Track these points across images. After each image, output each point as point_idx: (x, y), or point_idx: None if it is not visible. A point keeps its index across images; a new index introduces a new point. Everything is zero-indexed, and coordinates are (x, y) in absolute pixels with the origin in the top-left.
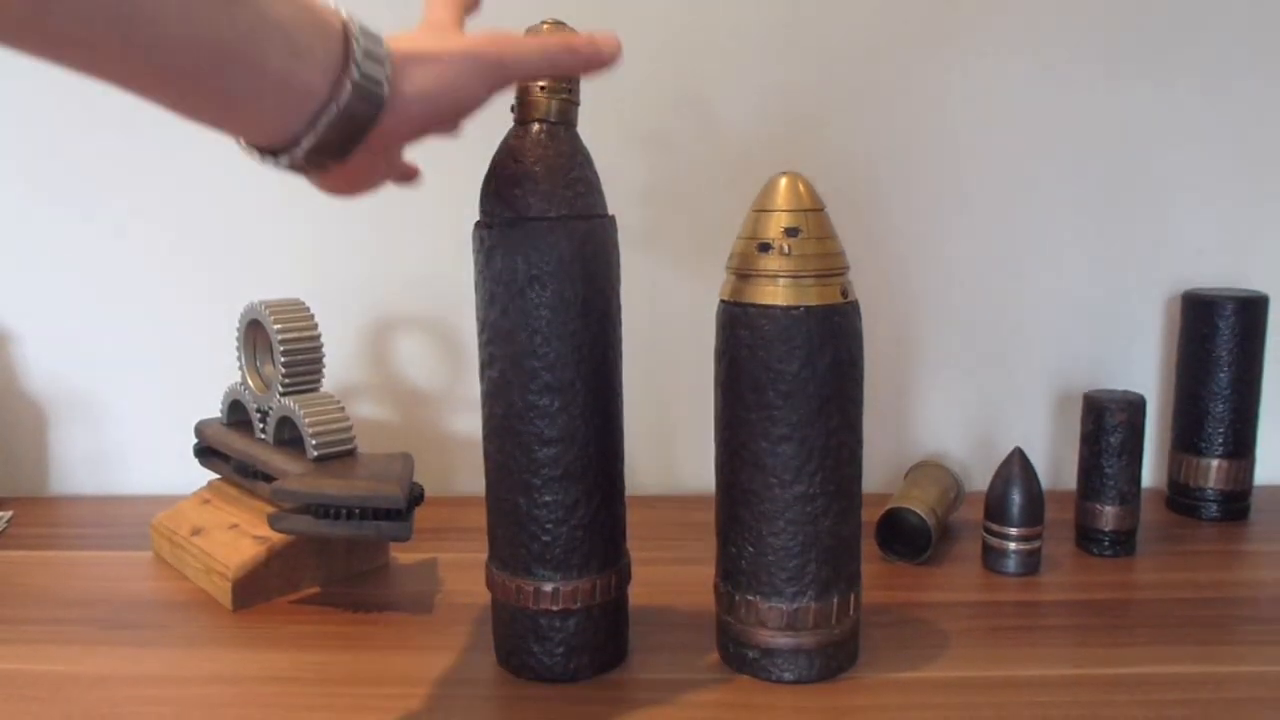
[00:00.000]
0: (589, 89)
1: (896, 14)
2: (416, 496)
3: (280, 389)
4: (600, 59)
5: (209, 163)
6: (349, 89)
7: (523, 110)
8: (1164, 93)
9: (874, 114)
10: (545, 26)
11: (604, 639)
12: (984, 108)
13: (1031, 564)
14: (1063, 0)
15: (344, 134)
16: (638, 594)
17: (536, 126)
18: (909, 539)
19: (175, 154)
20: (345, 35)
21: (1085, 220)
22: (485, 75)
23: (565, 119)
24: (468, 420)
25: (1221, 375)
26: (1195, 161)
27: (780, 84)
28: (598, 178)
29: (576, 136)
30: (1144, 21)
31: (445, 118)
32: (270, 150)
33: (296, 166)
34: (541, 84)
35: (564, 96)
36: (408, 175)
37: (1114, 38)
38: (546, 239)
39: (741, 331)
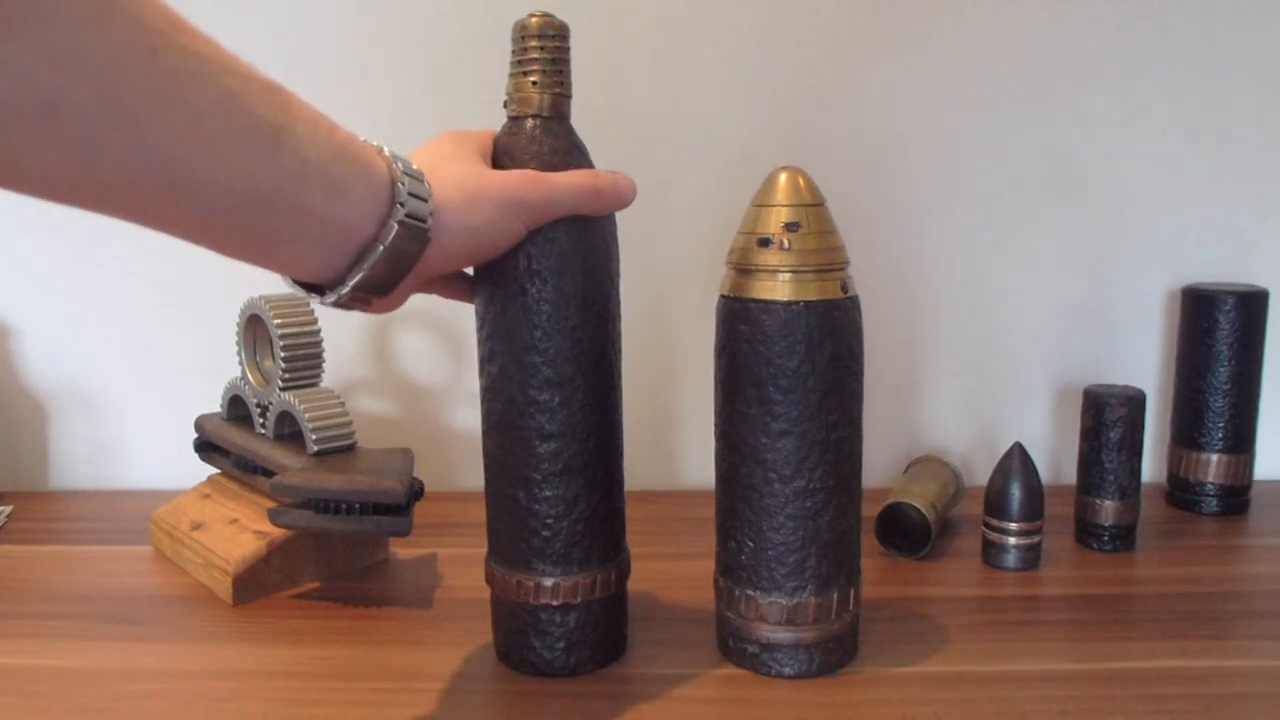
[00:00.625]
0: (590, 83)
1: (897, 7)
2: (416, 491)
3: (280, 384)
4: (620, 201)
5: None
6: (395, 228)
7: (515, 106)
8: (1165, 84)
9: (874, 108)
10: (534, 20)
11: (604, 634)
12: (985, 101)
13: (1031, 559)
14: None
15: (390, 271)
16: (637, 589)
17: (531, 122)
18: (909, 534)
19: None
20: (390, 175)
21: (1085, 214)
22: (524, 215)
23: (559, 113)
24: (467, 415)
25: (1221, 370)
26: (1196, 154)
27: (781, 77)
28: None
29: (571, 130)
30: (1142, 12)
31: (485, 252)
32: (316, 287)
33: (342, 304)
34: (534, 79)
35: (556, 90)
36: (460, 298)
37: (1113, 29)
38: (546, 234)
39: (741, 326)
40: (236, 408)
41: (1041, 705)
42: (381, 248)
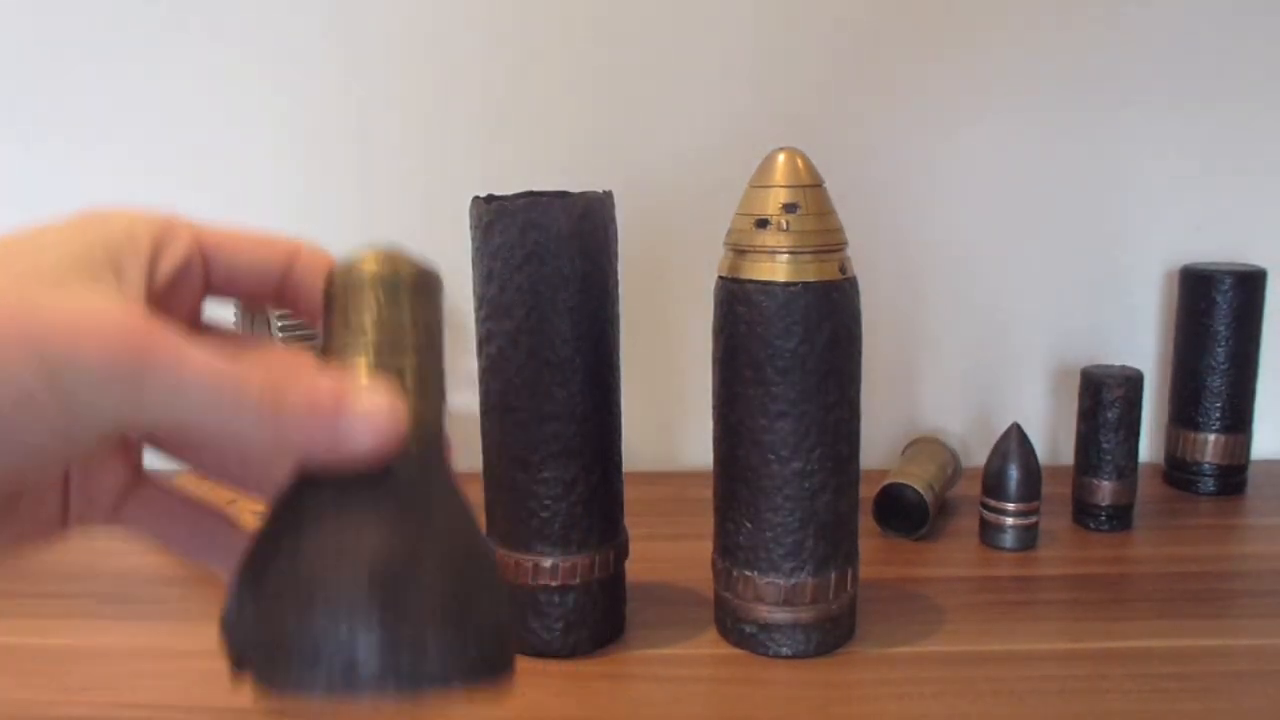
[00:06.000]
0: (589, 65)
1: None
2: None
3: None
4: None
5: (202, 138)
6: None
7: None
8: (1163, 65)
9: (873, 89)
10: (368, 267)
11: (602, 614)
12: (981, 83)
13: (1028, 539)
14: None
15: None
16: (635, 570)
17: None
18: (906, 514)
19: (169, 131)
20: None
21: (1082, 194)
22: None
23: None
24: (465, 397)
25: (1219, 350)
26: (1193, 135)
27: (780, 58)
28: None
29: (456, 493)
30: None
31: None
32: None
33: None
34: (365, 361)
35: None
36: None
37: (1115, 10)
38: (545, 214)
39: (739, 308)
40: None
41: (1039, 684)
42: None
